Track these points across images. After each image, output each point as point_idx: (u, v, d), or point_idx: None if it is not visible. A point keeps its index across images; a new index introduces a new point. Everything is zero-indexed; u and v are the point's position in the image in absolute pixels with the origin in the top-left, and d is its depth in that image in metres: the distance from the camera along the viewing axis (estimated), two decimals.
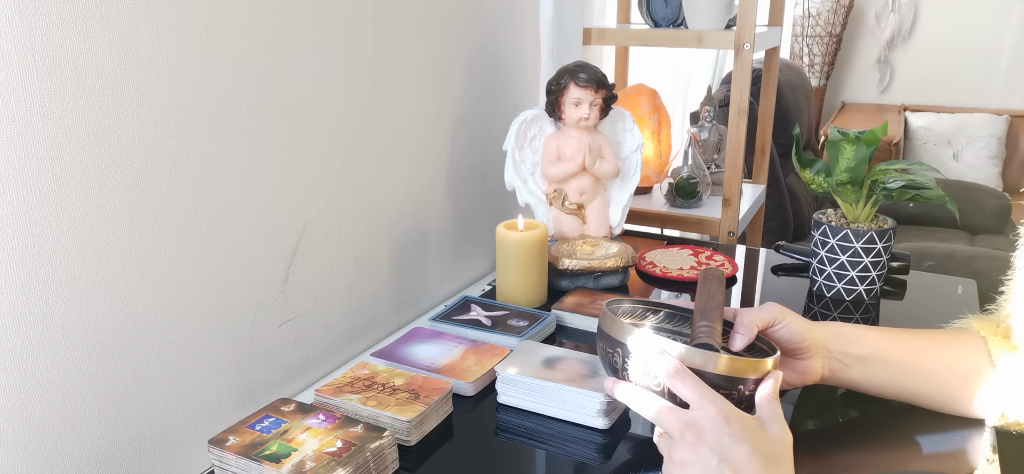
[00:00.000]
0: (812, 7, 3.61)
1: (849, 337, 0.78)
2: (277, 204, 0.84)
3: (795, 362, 0.76)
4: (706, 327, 0.70)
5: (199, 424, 0.78)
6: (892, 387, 0.78)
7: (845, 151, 1.02)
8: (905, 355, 0.77)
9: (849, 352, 0.77)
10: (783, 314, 0.75)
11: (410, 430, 0.75)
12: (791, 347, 0.75)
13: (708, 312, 0.72)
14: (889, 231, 1.04)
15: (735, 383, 0.64)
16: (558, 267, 1.10)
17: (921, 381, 0.77)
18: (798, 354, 0.76)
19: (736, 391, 0.64)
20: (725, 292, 0.76)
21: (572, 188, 1.17)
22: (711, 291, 0.74)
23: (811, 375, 0.76)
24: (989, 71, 3.56)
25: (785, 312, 0.75)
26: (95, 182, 0.64)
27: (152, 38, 0.67)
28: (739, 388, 0.64)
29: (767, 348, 0.73)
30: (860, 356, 0.77)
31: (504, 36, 1.26)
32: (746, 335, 0.72)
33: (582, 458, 0.75)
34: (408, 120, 1.04)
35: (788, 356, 0.76)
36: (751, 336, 0.72)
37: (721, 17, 1.39)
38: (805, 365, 0.76)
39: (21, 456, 0.63)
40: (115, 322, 0.68)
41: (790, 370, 0.76)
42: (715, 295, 0.73)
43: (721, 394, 0.62)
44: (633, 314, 0.79)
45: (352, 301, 0.98)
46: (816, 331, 0.76)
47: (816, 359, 0.76)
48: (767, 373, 0.65)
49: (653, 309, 0.81)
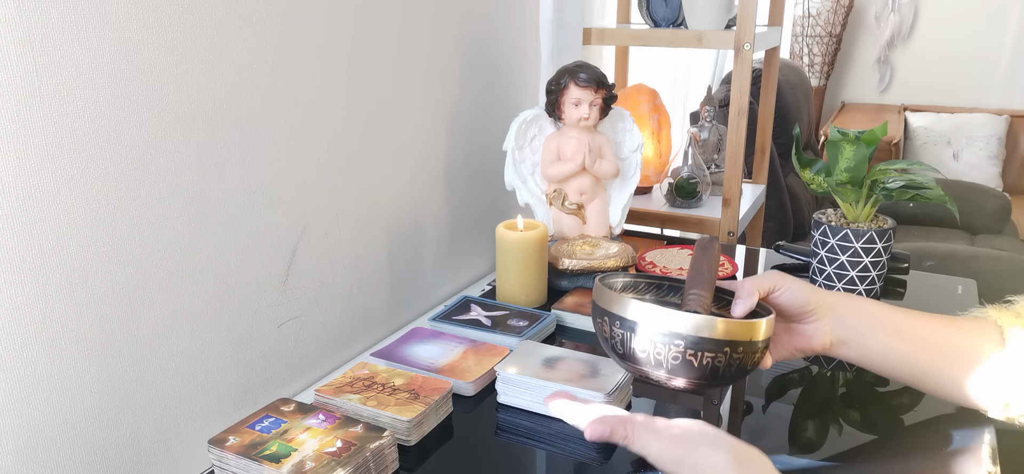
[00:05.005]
0: (812, 7, 3.61)
1: (861, 307, 0.76)
2: (277, 204, 0.84)
3: (801, 327, 0.76)
4: (695, 295, 0.71)
5: (199, 424, 0.78)
6: (901, 363, 0.76)
7: (845, 151, 1.02)
8: (917, 332, 0.75)
9: (862, 320, 0.75)
10: (783, 280, 0.74)
11: (410, 430, 0.75)
12: (794, 311, 0.75)
13: (698, 280, 0.72)
14: (889, 231, 1.04)
15: (722, 346, 0.65)
16: (558, 267, 1.10)
17: (931, 361, 0.75)
18: (803, 318, 0.75)
19: (723, 354, 0.65)
20: (719, 261, 0.77)
21: (572, 188, 1.17)
22: (702, 261, 0.75)
23: (819, 339, 0.75)
24: (989, 71, 3.56)
25: (785, 278, 0.75)
26: (95, 182, 0.64)
27: (152, 38, 0.67)
28: (725, 351, 0.65)
29: (764, 313, 0.73)
30: (873, 326, 0.75)
31: (504, 36, 1.26)
32: (747, 301, 0.72)
33: (582, 458, 0.75)
34: (408, 120, 1.04)
35: (794, 322, 0.76)
36: (752, 302, 0.72)
37: (721, 17, 1.39)
38: (811, 328, 0.75)
39: (21, 456, 0.63)
40: (115, 322, 0.68)
41: (796, 336, 0.76)
42: (706, 264, 0.74)
43: (712, 358, 0.64)
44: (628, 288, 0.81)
45: (352, 301, 0.98)
46: (821, 296, 0.75)
47: (823, 323, 0.75)
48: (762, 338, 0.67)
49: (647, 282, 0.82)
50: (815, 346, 0.76)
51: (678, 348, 0.65)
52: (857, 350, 0.76)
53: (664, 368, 0.66)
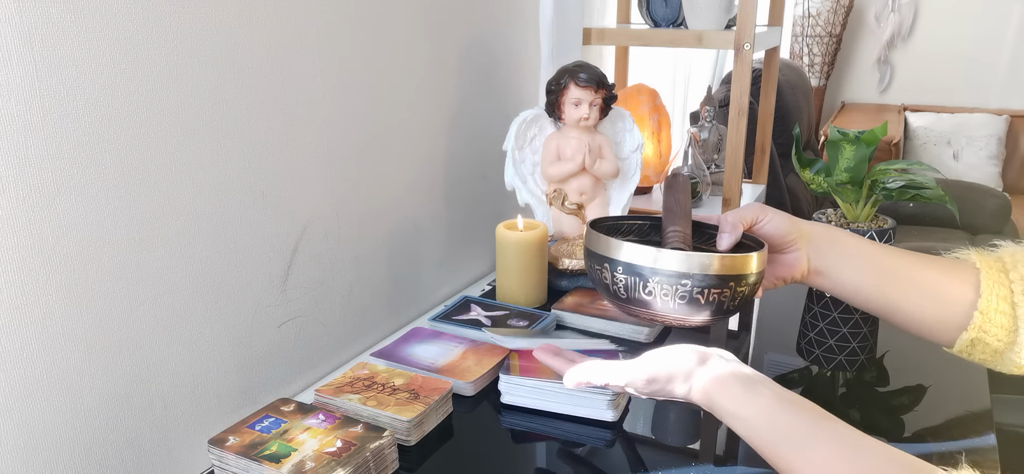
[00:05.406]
0: (812, 7, 3.61)
1: (838, 237, 0.78)
2: (277, 204, 0.84)
3: (782, 256, 0.78)
4: (675, 232, 0.73)
5: (199, 424, 0.78)
6: (876, 295, 0.76)
7: (845, 151, 1.02)
8: (892, 265, 0.76)
9: (839, 251, 0.77)
10: (764, 211, 0.77)
11: (410, 430, 0.75)
12: (776, 241, 0.77)
13: (675, 217, 0.74)
14: (889, 231, 1.04)
15: (727, 281, 0.66)
16: (558, 267, 1.10)
17: (906, 295, 0.75)
18: (784, 248, 0.78)
19: (728, 288, 0.67)
20: (689, 193, 0.80)
21: (572, 188, 1.17)
22: (671, 197, 0.77)
23: (798, 268, 0.77)
24: (989, 71, 3.56)
25: (766, 209, 0.77)
26: (95, 182, 0.64)
27: (152, 38, 0.67)
28: (730, 285, 0.67)
29: (753, 245, 0.75)
30: (848, 255, 0.77)
31: (504, 36, 1.26)
32: (732, 233, 0.75)
33: (585, 454, 0.75)
34: (408, 120, 1.04)
35: (774, 251, 0.78)
36: (737, 234, 0.75)
37: (721, 17, 1.39)
38: (791, 258, 0.77)
39: (21, 456, 0.63)
40: (115, 322, 0.68)
41: (777, 264, 0.78)
42: (681, 200, 0.76)
43: (714, 294, 0.66)
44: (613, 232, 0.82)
45: (352, 301, 0.98)
46: (801, 225, 0.78)
47: (801, 251, 0.77)
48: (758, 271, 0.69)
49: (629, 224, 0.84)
50: (796, 275, 0.78)
51: (685, 287, 0.67)
52: (831, 280, 0.78)
53: (672, 309, 0.68)
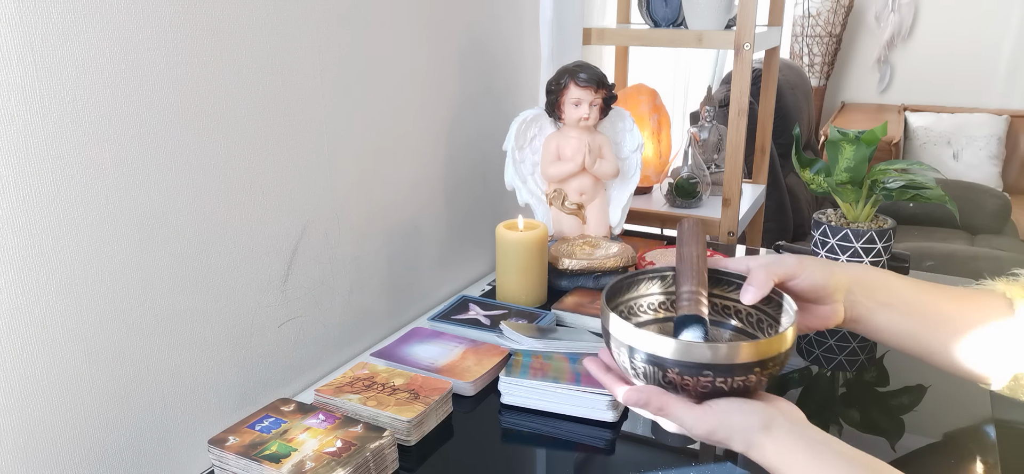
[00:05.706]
0: (812, 7, 3.61)
1: (874, 283, 0.75)
2: (277, 204, 0.84)
3: (817, 308, 0.75)
4: (689, 293, 0.66)
5: (199, 424, 0.78)
6: (911, 340, 0.75)
7: (845, 151, 1.02)
8: (926, 307, 0.74)
9: (874, 298, 0.75)
10: (801, 266, 0.72)
11: (410, 430, 0.75)
12: (812, 297, 0.74)
13: (689, 275, 0.67)
14: (889, 231, 1.04)
15: (753, 368, 0.59)
16: (558, 267, 1.10)
17: (938, 336, 0.74)
18: (820, 301, 0.74)
19: (754, 374, 0.59)
20: (703, 242, 0.72)
21: (572, 188, 1.17)
22: (689, 250, 0.69)
23: (833, 319, 0.75)
24: (989, 71, 3.56)
25: (804, 263, 0.72)
26: (95, 182, 0.64)
27: (152, 38, 0.67)
28: (757, 371, 0.59)
29: (777, 299, 0.69)
30: (884, 303, 0.74)
31: (504, 36, 1.26)
32: (759, 290, 0.69)
33: (585, 455, 0.75)
34: (408, 120, 1.04)
35: (808, 303, 0.75)
36: (764, 292, 0.69)
37: (721, 17, 1.39)
38: (828, 310, 0.74)
39: (21, 456, 0.63)
40: (115, 322, 0.68)
41: (812, 316, 0.75)
42: (694, 252, 0.69)
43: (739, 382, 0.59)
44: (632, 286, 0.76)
45: (352, 301, 0.98)
46: (837, 277, 0.74)
47: (839, 304, 0.74)
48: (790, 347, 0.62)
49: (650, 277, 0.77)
50: (829, 325, 0.75)
51: (707, 378, 0.60)
52: (867, 327, 0.76)
53: (694, 395, 0.62)
